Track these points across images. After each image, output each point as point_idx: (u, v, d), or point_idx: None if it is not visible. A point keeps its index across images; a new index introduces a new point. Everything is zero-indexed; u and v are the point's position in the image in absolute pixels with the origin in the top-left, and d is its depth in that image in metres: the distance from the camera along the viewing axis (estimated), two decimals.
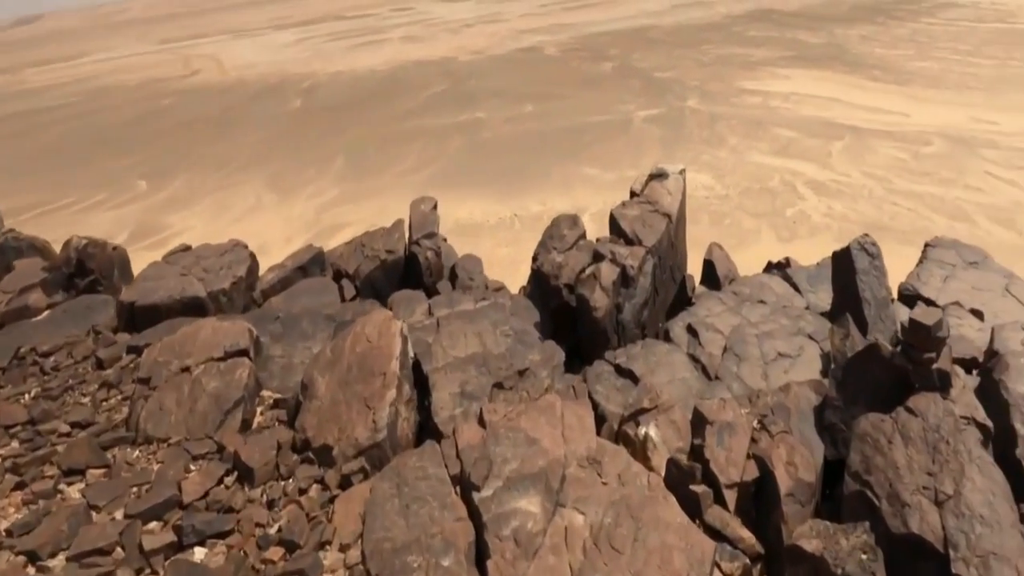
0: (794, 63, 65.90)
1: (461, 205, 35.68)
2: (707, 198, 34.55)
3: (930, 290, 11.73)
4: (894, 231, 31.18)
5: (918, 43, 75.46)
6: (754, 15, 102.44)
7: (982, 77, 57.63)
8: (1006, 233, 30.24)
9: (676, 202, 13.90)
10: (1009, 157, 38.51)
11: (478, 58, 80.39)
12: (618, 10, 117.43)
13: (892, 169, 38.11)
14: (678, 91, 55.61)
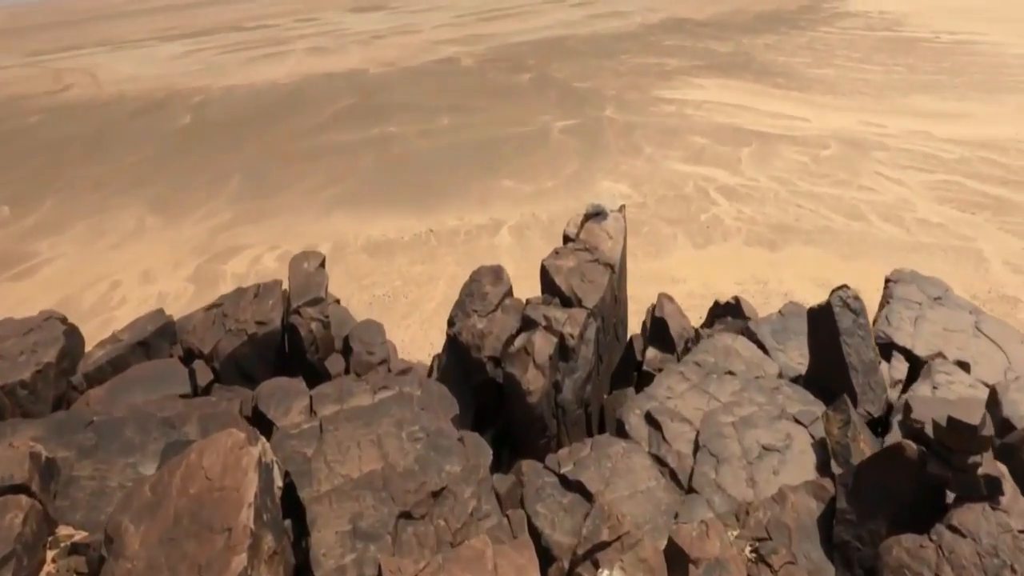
0: (706, 72, 70.06)
1: (373, 223, 35.28)
2: (626, 207, 35.53)
3: (903, 336, 10.31)
4: (799, 232, 33.43)
5: (816, 51, 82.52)
6: (668, 25, 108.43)
7: (872, 83, 63.69)
8: (895, 230, 33.15)
9: (618, 247, 11.79)
10: (896, 158, 42.47)
11: (390, 70, 79.82)
12: (535, 20, 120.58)
13: (795, 172, 40.99)
14: (596, 101, 57.51)
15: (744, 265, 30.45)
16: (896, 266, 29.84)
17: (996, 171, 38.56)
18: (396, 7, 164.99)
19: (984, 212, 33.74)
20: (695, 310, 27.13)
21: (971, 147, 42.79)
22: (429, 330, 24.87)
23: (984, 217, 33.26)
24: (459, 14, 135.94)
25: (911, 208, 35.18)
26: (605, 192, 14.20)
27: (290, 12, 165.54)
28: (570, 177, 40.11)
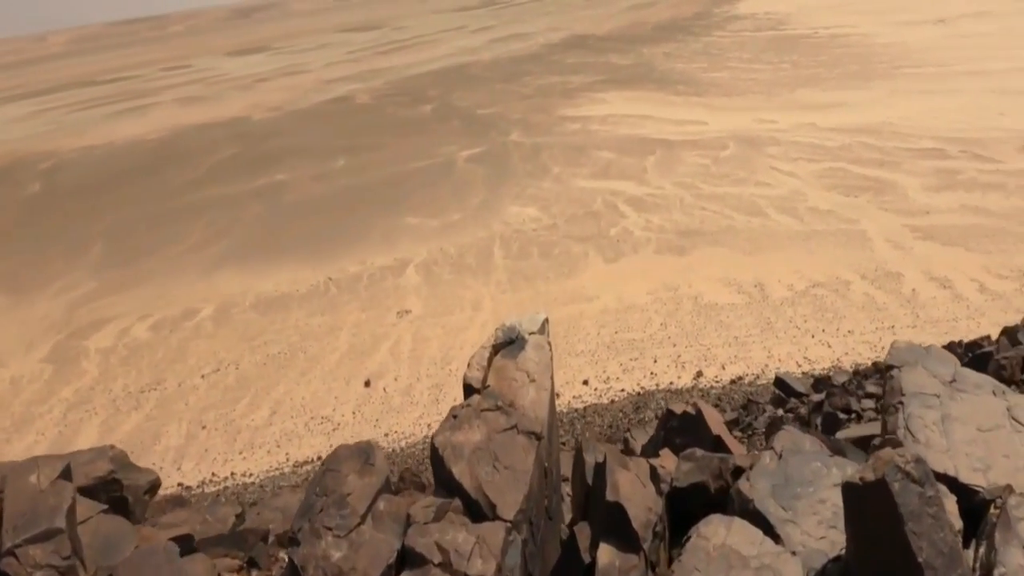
0: (609, 86, 74.84)
1: (264, 278, 35.12)
2: (536, 231, 37.39)
3: (938, 455, 7.29)
4: (704, 234, 36.18)
5: (711, 55, 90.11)
6: (570, 43, 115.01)
7: (762, 81, 70.23)
8: (791, 220, 36.55)
9: (544, 395, 8.48)
10: (787, 151, 46.92)
11: (277, 115, 79.82)
12: (435, 50, 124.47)
13: (698, 176, 44.41)
14: (501, 126, 60.09)
15: (655, 274, 32.57)
16: (793, 255, 33.17)
17: (873, 154, 43.43)
18: (280, 47, 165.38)
19: (866, 194, 37.87)
20: (609, 326, 28.78)
21: (851, 133, 48.01)
22: (333, 383, 24.96)
23: (866, 199, 37.33)
24: (352, 50, 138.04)
25: (803, 198, 38.93)
26: (525, 318, 9.45)
27: (155, 61, 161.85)
28: (478, 207, 41.58)
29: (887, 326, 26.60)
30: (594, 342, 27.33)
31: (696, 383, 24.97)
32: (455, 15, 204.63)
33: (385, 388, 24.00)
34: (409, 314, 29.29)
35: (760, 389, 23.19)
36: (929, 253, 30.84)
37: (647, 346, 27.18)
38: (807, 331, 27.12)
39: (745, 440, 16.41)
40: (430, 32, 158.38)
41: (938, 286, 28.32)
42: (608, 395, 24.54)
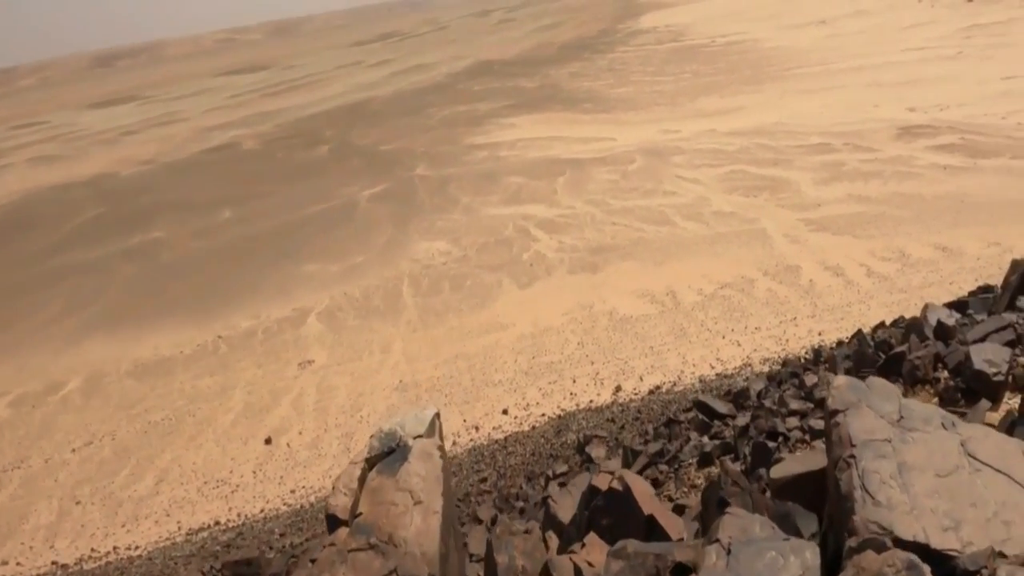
0: (517, 110, 79.26)
1: (141, 342, 35.00)
2: (446, 264, 39.19)
3: (903, 518, 6.34)
4: (616, 249, 39.19)
5: (616, 71, 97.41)
6: (475, 70, 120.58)
7: (665, 93, 76.82)
8: (697, 226, 40.31)
9: (435, 522, 7.16)
10: (691, 159, 51.65)
11: (149, 168, 79.25)
12: (330, 88, 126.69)
13: (607, 192, 48.01)
14: (406, 161, 62.33)
15: (569, 294, 34.96)
16: (701, 260, 36.68)
17: (768, 154, 48.72)
18: (151, 96, 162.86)
19: (764, 193, 42.43)
20: (527, 351, 30.65)
21: (748, 136, 53.58)
22: (228, 444, 25.21)
23: (764, 198, 41.83)
24: (235, 94, 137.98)
25: (707, 203, 43.03)
26: (408, 416, 8.21)
27: (2, 120, 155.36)
28: (384, 246, 42.99)
29: (790, 318, 29.95)
30: (512, 370, 29.01)
31: (616, 398, 27.03)
32: (350, 50, 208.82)
33: (289, 443, 24.45)
34: (312, 364, 29.92)
35: (677, 396, 25.51)
36: (823, 244, 35.03)
37: (565, 367, 29.16)
38: (718, 332, 30.04)
39: (672, 475, 14.09)
40: (324, 69, 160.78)
41: (832, 275, 32.23)
42: (529, 421, 26.11)
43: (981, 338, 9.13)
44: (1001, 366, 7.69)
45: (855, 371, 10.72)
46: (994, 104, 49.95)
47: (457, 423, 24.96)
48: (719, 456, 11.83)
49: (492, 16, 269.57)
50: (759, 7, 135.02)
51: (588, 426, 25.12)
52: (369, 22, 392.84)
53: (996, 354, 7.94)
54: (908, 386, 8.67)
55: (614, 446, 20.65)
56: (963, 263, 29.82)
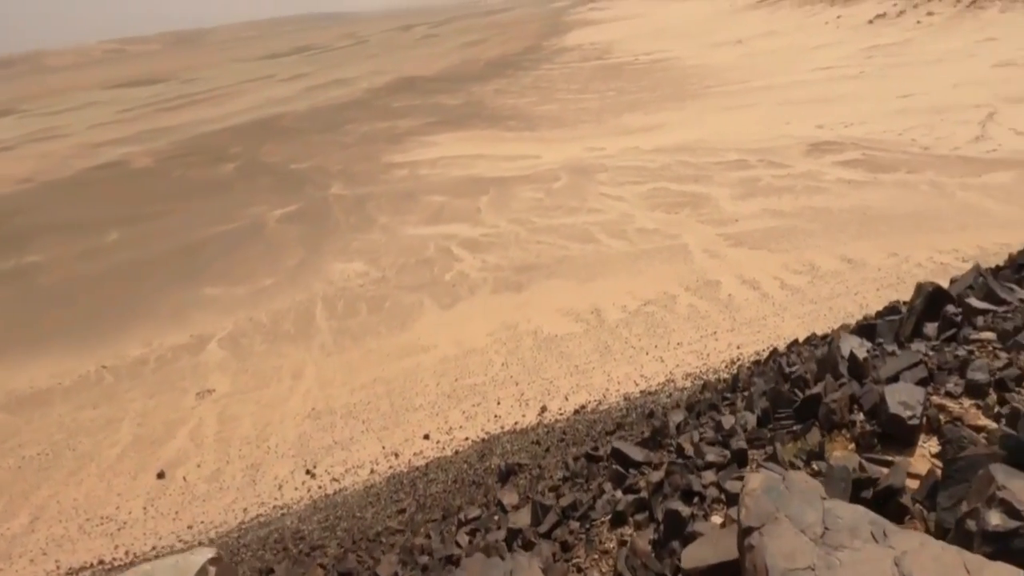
0: (439, 128, 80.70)
1: (14, 374, 33.80)
2: (363, 286, 39.39)
3: None
4: (541, 268, 40.63)
5: (541, 89, 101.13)
6: (396, 86, 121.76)
7: (590, 110, 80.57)
8: (621, 243, 42.47)
9: None
10: (615, 176, 54.39)
11: (26, 188, 76.21)
12: (237, 102, 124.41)
13: (532, 210, 49.72)
14: (319, 180, 62.18)
15: (494, 314, 35.91)
16: (626, 277, 38.74)
17: (690, 171, 52.12)
18: (29, 109, 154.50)
19: (685, 209, 45.32)
20: (449, 374, 31.22)
21: (670, 153, 57.09)
22: (115, 479, 24.35)
23: (685, 214, 44.67)
24: (126, 108, 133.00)
25: (631, 220, 45.44)
26: (165, 563, 6.95)
27: None
28: (295, 268, 42.67)
29: (710, 332, 32.09)
30: (433, 393, 29.46)
31: (541, 419, 27.98)
32: (261, 63, 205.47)
33: (185, 477, 23.96)
34: (212, 393, 29.36)
35: (603, 416, 26.73)
36: (740, 258, 37.81)
37: (489, 389, 29.90)
38: (642, 349, 31.73)
39: (583, 535, 13.28)
40: (230, 83, 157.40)
41: (749, 288, 34.84)
42: (452, 446, 26.59)
43: (894, 376, 9.33)
44: (916, 408, 7.73)
45: (772, 411, 11.30)
46: (892, 121, 55.92)
47: (375, 450, 25.10)
48: (633, 514, 12.10)
49: (415, 31, 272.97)
50: (681, 26, 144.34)
51: (512, 449, 25.85)
52: (283, 34, 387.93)
53: (910, 395, 8.09)
54: (825, 431, 8.83)
55: (530, 485, 21.31)
56: (866, 273, 33.09)
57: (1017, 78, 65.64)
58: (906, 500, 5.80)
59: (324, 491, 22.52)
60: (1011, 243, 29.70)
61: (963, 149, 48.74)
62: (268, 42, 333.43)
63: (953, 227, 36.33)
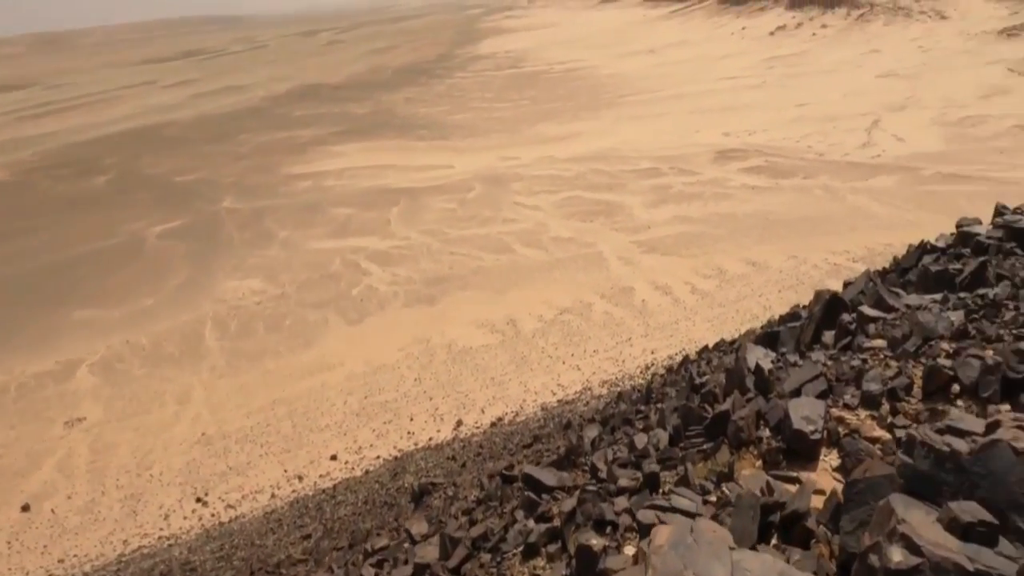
0: (345, 137, 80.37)
1: None
2: (260, 304, 38.82)
3: None
4: (454, 279, 41.41)
5: (454, 97, 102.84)
6: (298, 93, 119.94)
7: (504, 119, 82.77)
8: (537, 252, 43.97)
9: None
10: (530, 185, 56.21)
11: None
12: (113, 110, 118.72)
13: (444, 221, 50.55)
14: (209, 193, 60.64)
15: (405, 328, 36.28)
16: (541, 287, 40.14)
17: (604, 179, 54.70)
18: None
19: (599, 218, 47.53)
20: (358, 392, 31.28)
21: (584, 162, 59.67)
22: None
23: (600, 222, 46.86)
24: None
25: (546, 229, 47.14)
26: None
27: None
28: (179, 287, 41.49)
29: (625, 339, 33.88)
30: (341, 412, 29.44)
31: (457, 433, 28.59)
32: (142, 68, 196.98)
33: (54, 509, 23.02)
34: (83, 422, 28.20)
35: (520, 427, 27.64)
36: (653, 264, 40.13)
37: (402, 405, 30.22)
38: (558, 358, 33.04)
39: (495, 569, 15.60)
40: (105, 89, 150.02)
41: (662, 294, 37.05)
42: (362, 466, 26.68)
43: (797, 390, 9.87)
44: (817, 422, 8.25)
45: (683, 429, 12.12)
46: (791, 129, 61.15)
47: (276, 474, 24.84)
48: (545, 545, 12.52)
49: (320, 37, 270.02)
50: (596, 35, 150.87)
51: (427, 466, 26.26)
52: (168, 38, 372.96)
53: (812, 409, 8.62)
54: (734, 448, 9.33)
55: (444, 506, 21.66)
56: (769, 276, 36.06)
57: (897, 88, 73.73)
58: (811, 523, 6.19)
59: (218, 519, 22.07)
60: (894, 243, 33.29)
61: (852, 155, 54.14)
62: (151, 45, 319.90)
63: (844, 229, 40.27)
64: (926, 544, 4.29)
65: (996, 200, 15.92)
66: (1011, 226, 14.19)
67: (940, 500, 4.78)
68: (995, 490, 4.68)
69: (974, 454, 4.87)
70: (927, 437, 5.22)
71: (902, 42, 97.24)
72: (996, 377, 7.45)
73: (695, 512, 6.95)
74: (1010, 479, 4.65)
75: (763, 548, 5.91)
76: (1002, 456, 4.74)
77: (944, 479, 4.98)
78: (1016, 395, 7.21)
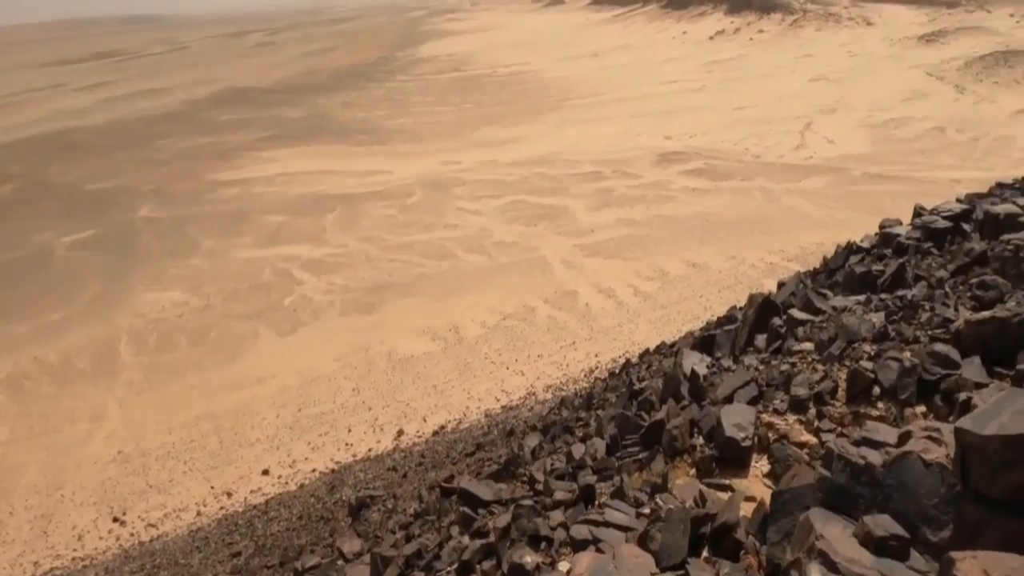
0: (277, 142, 79.37)
1: None
2: (182, 316, 38.14)
3: None
4: (395, 287, 41.51)
5: (394, 101, 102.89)
6: (225, 97, 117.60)
7: (446, 123, 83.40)
8: (480, 258, 44.51)
9: None
10: (473, 190, 56.83)
11: None
12: (15, 115, 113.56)
13: (384, 227, 50.60)
14: (124, 202, 59.20)
15: (342, 338, 36.18)
16: (485, 292, 40.69)
17: (547, 183, 55.83)
18: None
19: (543, 222, 48.49)
20: (291, 404, 31.02)
21: (528, 166, 60.74)
22: None
23: (543, 227, 47.81)
24: None
25: (490, 234, 47.78)
26: None
27: None
28: (91, 301, 40.39)
29: (569, 343, 34.70)
30: (273, 426, 29.17)
31: (397, 443, 28.70)
32: (49, 70, 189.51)
33: None
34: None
35: (463, 435, 27.95)
36: (596, 268, 41.21)
37: (339, 416, 30.14)
38: (502, 364, 33.57)
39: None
40: (9, 93, 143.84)
41: (605, 297, 38.11)
42: (296, 480, 26.52)
43: (729, 396, 10.18)
44: (748, 429, 8.48)
45: (620, 438, 12.60)
46: (729, 132, 64.09)
47: (202, 491, 24.45)
48: (480, 562, 12.72)
49: (249, 38, 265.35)
50: (540, 38, 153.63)
51: (366, 478, 26.30)
52: (78, 39, 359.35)
53: (743, 416, 8.84)
54: (668, 458, 9.62)
55: (382, 520, 21.73)
56: (709, 277, 37.69)
57: (828, 91, 78.33)
58: (740, 535, 6.37)
59: (138, 538, 21.61)
60: (824, 242, 35.27)
61: (787, 157, 57.26)
62: (59, 46, 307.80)
63: (779, 229, 42.47)
64: (842, 561, 4.40)
65: (917, 199, 17.38)
66: (928, 226, 15.41)
67: (857, 513, 4.88)
68: (906, 502, 4.79)
69: (886, 466, 5.00)
70: (843, 450, 5.36)
71: (832, 47, 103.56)
72: (913, 379, 7.81)
73: (628, 526, 7.11)
74: (920, 491, 4.76)
75: (693, 562, 6.09)
76: (912, 468, 4.85)
77: (860, 492, 5.09)
78: (931, 396, 7.54)
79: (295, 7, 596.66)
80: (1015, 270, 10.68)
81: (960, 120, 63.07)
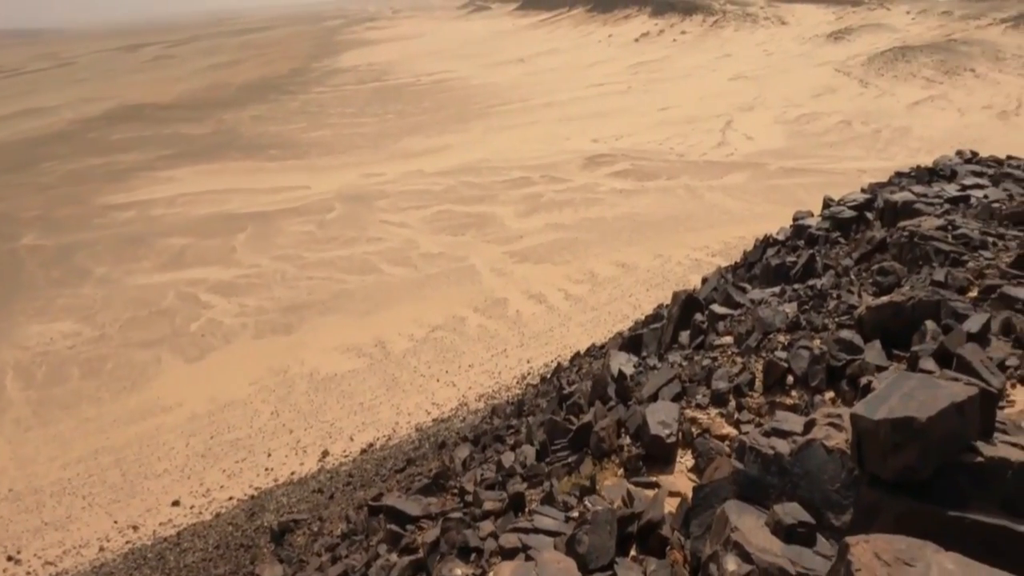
0: (178, 161, 78.48)
1: None
2: (73, 347, 37.75)
3: None
4: (314, 305, 41.96)
5: (310, 114, 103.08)
6: (117, 114, 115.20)
7: (367, 135, 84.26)
8: (405, 270, 45.45)
9: None
10: (396, 202, 57.83)
11: None
12: None
13: (302, 245, 50.96)
14: (5, 230, 57.90)
15: (257, 361, 36.40)
16: (412, 305, 41.60)
17: (475, 192, 57.39)
18: None
19: (471, 230, 49.88)
20: (202, 432, 31.10)
21: (454, 175, 62.24)
22: None
23: (471, 235, 49.20)
24: None
25: (415, 246, 48.83)
26: None
27: None
28: None
29: (500, 351, 35.94)
30: (182, 455, 29.21)
31: (323, 465, 29.15)
32: None
33: None
34: None
35: (393, 451, 28.66)
36: (526, 274, 42.77)
37: (257, 441, 30.39)
38: (432, 376, 34.50)
39: None
40: None
41: (535, 302, 39.64)
42: (211, 509, 26.66)
43: (654, 394, 10.86)
44: (672, 426, 9.07)
45: (549, 443, 13.51)
46: (654, 132, 68.07)
47: (104, 526, 24.41)
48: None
49: (144, 52, 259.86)
50: (464, 45, 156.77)
51: (290, 503, 26.68)
52: None
53: (667, 413, 9.45)
54: (596, 459, 10.07)
55: (307, 544, 22.13)
56: (637, 276, 39.92)
57: (747, 90, 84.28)
58: (666, 531, 6.78)
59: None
60: (746, 236, 37.76)
61: (709, 154, 61.49)
62: None
63: (703, 226, 45.55)
64: (755, 551, 4.74)
65: (828, 190, 19.38)
66: (836, 216, 17.36)
67: (769, 503, 5.23)
68: (812, 489, 5.13)
69: (793, 455, 5.33)
70: (754, 441, 5.71)
71: (750, 46, 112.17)
72: (822, 366, 8.45)
73: (557, 531, 7.47)
74: (823, 477, 5.08)
75: (621, 562, 6.43)
76: (815, 455, 5.18)
77: (771, 482, 5.42)
78: (839, 381, 8.19)
79: (197, 18, 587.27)
80: (911, 255, 11.83)
81: (864, 113, 69.89)
